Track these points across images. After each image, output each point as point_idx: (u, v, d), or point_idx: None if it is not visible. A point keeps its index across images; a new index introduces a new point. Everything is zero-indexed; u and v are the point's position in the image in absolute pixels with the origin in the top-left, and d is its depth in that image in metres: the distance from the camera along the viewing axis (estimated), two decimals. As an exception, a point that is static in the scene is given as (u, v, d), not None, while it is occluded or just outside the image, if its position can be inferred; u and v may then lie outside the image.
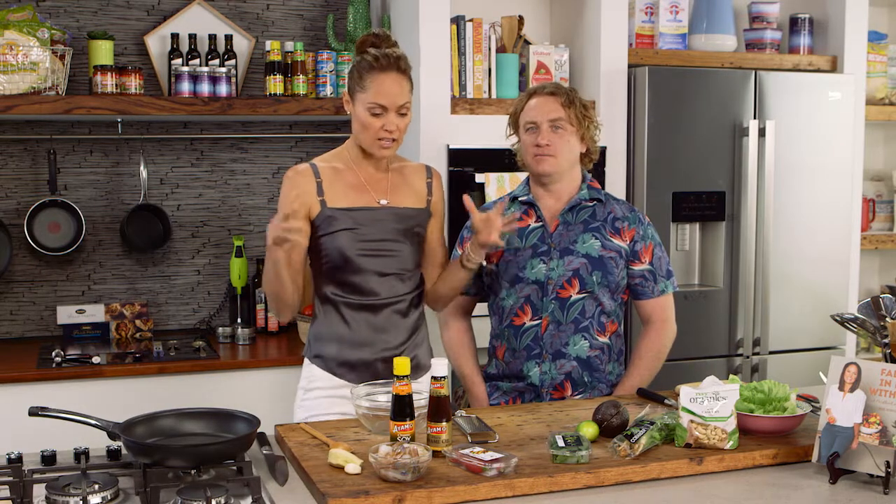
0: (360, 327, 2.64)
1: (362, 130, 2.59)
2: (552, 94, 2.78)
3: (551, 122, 2.75)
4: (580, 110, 2.78)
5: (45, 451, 2.12)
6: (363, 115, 2.56)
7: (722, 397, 2.17)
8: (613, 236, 2.81)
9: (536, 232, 2.82)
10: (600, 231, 2.81)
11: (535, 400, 2.80)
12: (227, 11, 4.08)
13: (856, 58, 4.33)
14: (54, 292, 4.00)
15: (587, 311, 2.78)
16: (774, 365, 4.10)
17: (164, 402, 2.63)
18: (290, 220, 2.38)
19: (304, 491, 1.99)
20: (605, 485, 2.03)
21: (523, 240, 2.82)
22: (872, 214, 4.78)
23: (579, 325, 2.78)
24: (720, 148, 3.98)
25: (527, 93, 2.86)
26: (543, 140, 2.75)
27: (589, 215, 2.83)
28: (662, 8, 4.10)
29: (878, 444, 2.00)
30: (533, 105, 2.79)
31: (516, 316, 2.82)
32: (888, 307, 2.37)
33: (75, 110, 3.59)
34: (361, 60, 2.58)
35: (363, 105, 2.56)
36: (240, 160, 4.18)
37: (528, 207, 2.86)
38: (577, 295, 2.77)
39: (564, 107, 2.76)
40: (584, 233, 2.80)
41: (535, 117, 2.77)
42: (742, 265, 4.03)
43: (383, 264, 2.62)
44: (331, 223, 2.59)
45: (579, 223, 2.81)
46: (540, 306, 2.79)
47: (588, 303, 2.78)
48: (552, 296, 2.77)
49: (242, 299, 4.08)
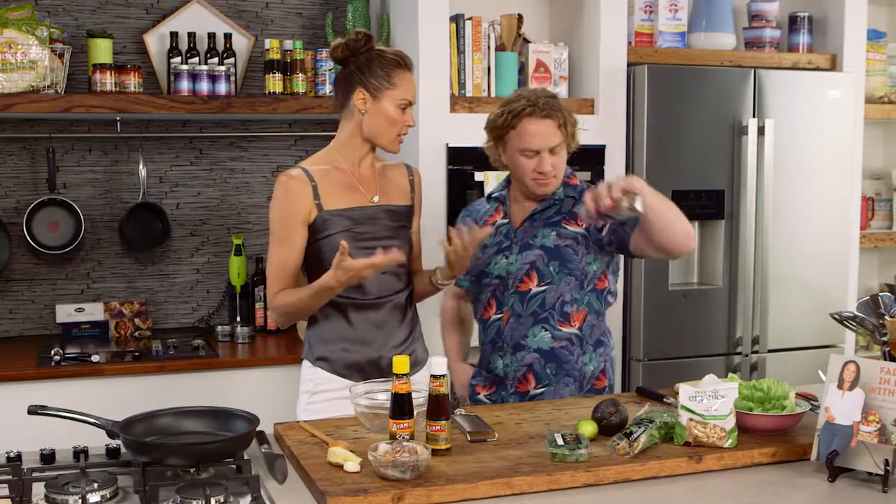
0: (363, 326, 2.65)
1: (389, 126, 2.63)
2: (547, 117, 2.70)
3: (551, 149, 2.72)
4: (571, 124, 2.75)
5: (45, 449, 2.13)
6: (393, 111, 2.61)
7: (721, 395, 2.17)
8: (569, 223, 2.79)
9: (502, 228, 2.85)
10: (558, 223, 2.80)
11: (502, 391, 2.84)
12: (226, 10, 4.07)
13: (855, 56, 4.33)
14: (53, 291, 4.00)
15: (546, 303, 2.77)
16: (773, 363, 4.10)
17: (163, 400, 2.62)
18: (364, 264, 2.43)
19: (304, 489, 1.99)
20: (604, 483, 2.03)
21: (492, 237, 2.83)
22: (871, 213, 4.78)
23: (538, 317, 2.78)
24: (719, 146, 3.98)
25: (512, 110, 2.73)
26: (548, 167, 2.71)
27: (554, 212, 2.82)
28: (662, 6, 4.10)
29: (877, 443, 2.00)
30: (531, 132, 2.70)
31: (485, 310, 2.86)
32: (887, 305, 2.37)
33: (74, 109, 3.59)
34: (381, 58, 2.62)
35: (393, 101, 2.61)
36: (239, 159, 4.18)
37: (499, 204, 2.89)
38: (538, 287, 2.77)
39: (560, 128, 2.72)
40: (545, 227, 2.80)
41: (536, 146, 2.70)
42: (741, 264, 4.03)
43: None
44: (328, 226, 2.60)
45: (542, 220, 2.82)
46: (502, 300, 2.81)
47: (549, 294, 2.77)
48: (512, 290, 2.79)
49: (241, 298, 4.08)
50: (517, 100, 2.75)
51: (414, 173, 2.83)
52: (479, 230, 2.61)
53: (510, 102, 2.76)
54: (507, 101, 2.79)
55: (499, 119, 2.76)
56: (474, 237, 2.58)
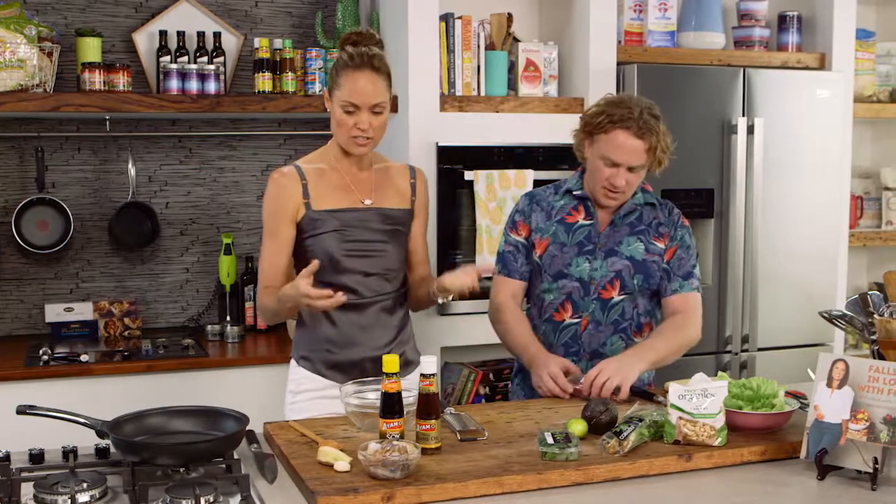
0: (346, 327, 2.64)
1: (337, 128, 2.61)
2: (641, 137, 2.63)
3: (632, 167, 2.68)
4: (661, 150, 2.69)
5: (33, 449, 2.12)
6: (338, 112, 2.58)
7: (710, 394, 2.18)
8: (657, 240, 2.79)
9: (584, 229, 2.79)
10: (645, 234, 2.79)
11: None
12: (215, 9, 4.06)
13: (844, 55, 4.34)
14: (42, 290, 3.98)
15: (626, 313, 2.78)
16: (763, 362, 4.11)
17: (153, 400, 2.62)
18: (338, 296, 2.41)
19: (294, 489, 1.99)
20: (595, 482, 2.03)
21: (569, 236, 2.79)
22: (860, 212, 4.80)
23: (619, 327, 2.78)
24: (709, 145, 3.99)
25: (612, 116, 2.65)
26: (621, 182, 2.67)
27: (636, 218, 2.80)
28: (651, 5, 4.10)
29: (866, 441, 2.01)
30: (619, 144, 2.64)
31: (556, 312, 2.80)
32: (876, 304, 2.37)
33: (63, 108, 3.57)
34: (338, 59, 2.60)
35: (338, 102, 2.58)
36: (228, 158, 4.17)
37: (579, 203, 2.82)
38: (618, 296, 2.76)
39: (649, 152, 2.67)
40: (630, 235, 2.78)
41: (619, 159, 2.66)
42: (730, 262, 4.04)
43: (369, 264, 2.62)
44: (316, 225, 2.60)
45: (626, 225, 2.79)
46: (581, 305, 2.77)
47: (627, 304, 2.77)
48: (594, 296, 2.76)
49: (231, 297, 4.07)
50: (620, 106, 2.67)
51: (417, 176, 2.79)
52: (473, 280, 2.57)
53: (613, 105, 2.69)
54: (611, 102, 2.71)
55: (596, 118, 2.70)
56: (471, 282, 2.55)
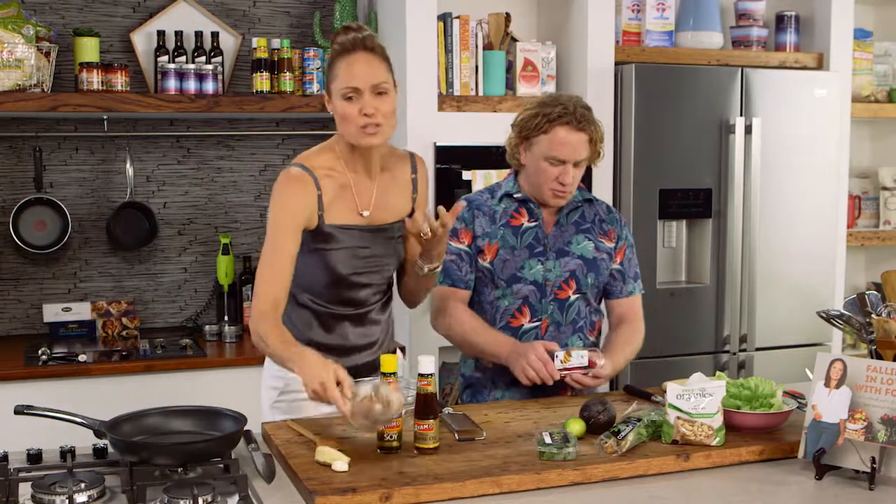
0: (339, 334, 2.56)
1: (343, 123, 2.43)
2: (582, 130, 2.64)
3: (577, 162, 2.67)
4: (599, 141, 2.71)
5: (31, 449, 2.12)
6: (340, 105, 2.41)
7: (708, 394, 2.18)
8: (602, 237, 2.81)
9: (531, 232, 2.76)
10: (592, 233, 2.80)
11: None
12: (213, 8, 4.06)
13: (842, 55, 4.35)
14: (40, 290, 3.98)
15: (581, 312, 2.79)
16: (761, 361, 4.11)
17: (151, 400, 2.61)
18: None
19: (291, 489, 1.98)
20: (593, 481, 2.03)
21: (518, 239, 2.76)
22: (858, 211, 4.80)
23: (576, 326, 2.78)
24: (707, 145, 3.99)
25: (548, 115, 2.64)
26: (569, 179, 2.67)
27: (579, 216, 2.81)
28: (649, 5, 4.10)
29: (864, 440, 2.01)
30: (563, 141, 2.63)
31: (513, 317, 2.76)
32: (874, 304, 2.37)
33: (61, 107, 3.57)
34: (331, 53, 2.47)
35: (338, 95, 2.41)
36: (226, 157, 4.17)
37: (520, 205, 2.79)
38: (574, 296, 2.77)
39: (591, 143, 2.68)
40: (577, 234, 2.78)
41: (565, 156, 2.65)
42: (728, 262, 4.04)
43: (371, 278, 2.54)
44: (327, 239, 2.48)
45: (571, 224, 2.79)
46: (539, 308, 2.75)
47: (581, 303, 2.78)
48: (551, 297, 2.75)
49: (229, 297, 4.07)
50: (554, 104, 2.66)
51: (418, 168, 2.65)
52: (448, 213, 2.40)
53: (546, 105, 2.67)
54: (543, 103, 2.69)
55: (531, 120, 2.67)
56: (446, 221, 2.39)
